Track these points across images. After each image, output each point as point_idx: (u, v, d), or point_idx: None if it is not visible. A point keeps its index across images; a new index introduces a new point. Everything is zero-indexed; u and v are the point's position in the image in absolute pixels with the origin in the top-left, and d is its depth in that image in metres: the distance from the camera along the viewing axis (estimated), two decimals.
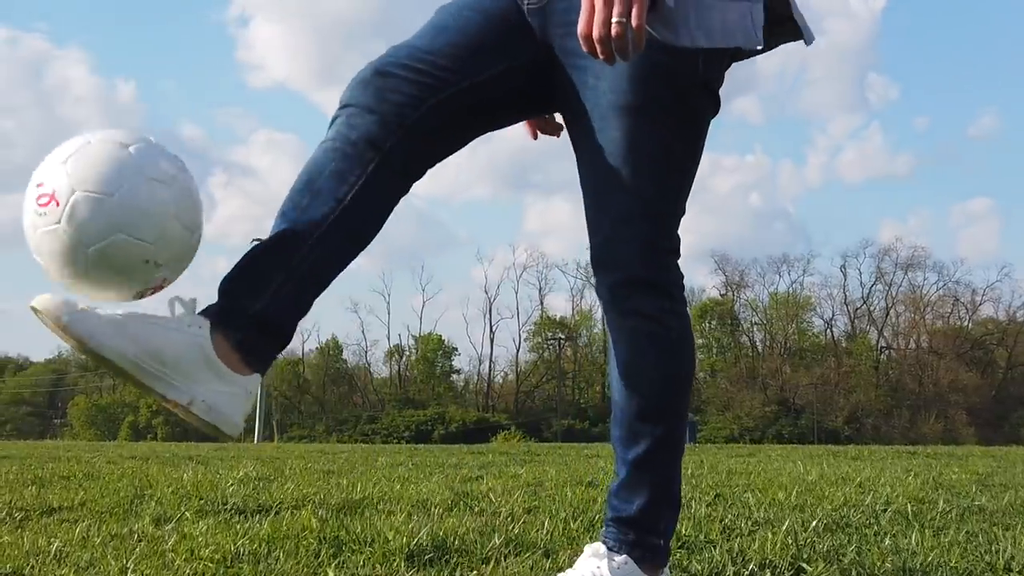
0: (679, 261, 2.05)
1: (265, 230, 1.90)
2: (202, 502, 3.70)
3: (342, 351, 77.01)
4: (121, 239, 1.73)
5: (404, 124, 1.89)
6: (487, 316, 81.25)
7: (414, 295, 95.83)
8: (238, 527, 3.01)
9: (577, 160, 2.04)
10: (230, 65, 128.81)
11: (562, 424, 68.91)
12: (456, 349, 74.50)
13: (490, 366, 74.10)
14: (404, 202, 1.99)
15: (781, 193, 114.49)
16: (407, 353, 76.01)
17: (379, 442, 57.53)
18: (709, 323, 77.02)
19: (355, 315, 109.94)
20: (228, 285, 1.82)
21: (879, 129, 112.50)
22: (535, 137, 2.31)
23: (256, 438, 43.49)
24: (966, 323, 77.80)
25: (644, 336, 2.00)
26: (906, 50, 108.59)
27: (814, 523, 3.22)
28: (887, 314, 79.08)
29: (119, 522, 3.20)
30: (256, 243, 1.86)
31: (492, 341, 75.89)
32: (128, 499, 3.92)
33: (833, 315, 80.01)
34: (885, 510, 3.62)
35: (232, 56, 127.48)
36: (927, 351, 75.86)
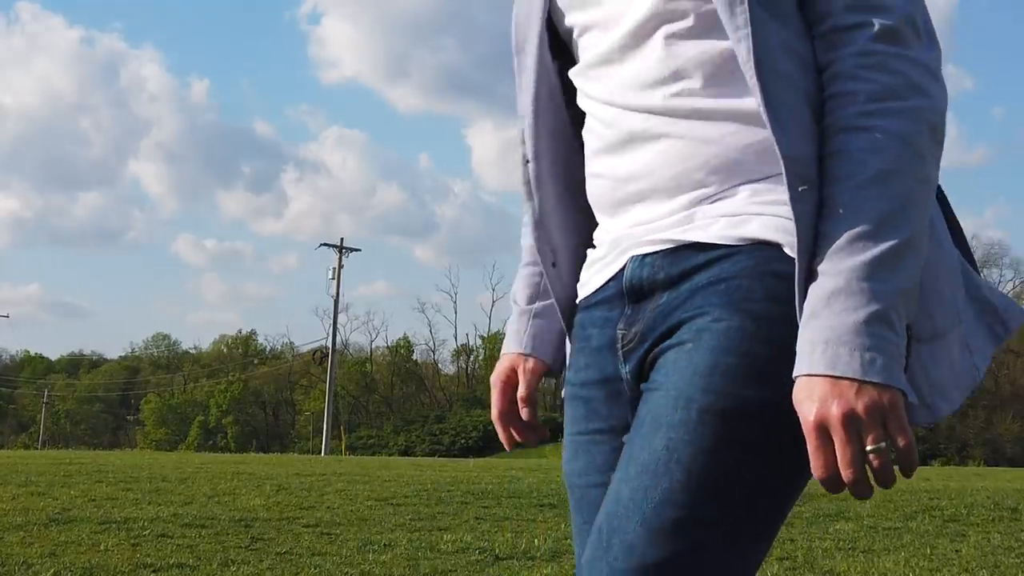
0: None
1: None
2: None
3: (413, 351, 77.22)
4: None
5: None
6: None
7: (483, 294, 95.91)
8: None
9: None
10: (303, 62, 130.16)
11: None
12: None
13: None
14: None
15: None
16: (475, 353, 75.92)
17: (447, 441, 57.09)
18: None
19: (422, 315, 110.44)
20: None
21: (954, 120, 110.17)
22: (510, 447, 1.68)
23: (324, 449, 43.25)
24: None
25: None
26: (982, 39, 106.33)
27: None
28: None
29: None
30: None
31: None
32: None
33: None
34: None
35: (304, 53, 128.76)
36: (1004, 350, 74.07)
